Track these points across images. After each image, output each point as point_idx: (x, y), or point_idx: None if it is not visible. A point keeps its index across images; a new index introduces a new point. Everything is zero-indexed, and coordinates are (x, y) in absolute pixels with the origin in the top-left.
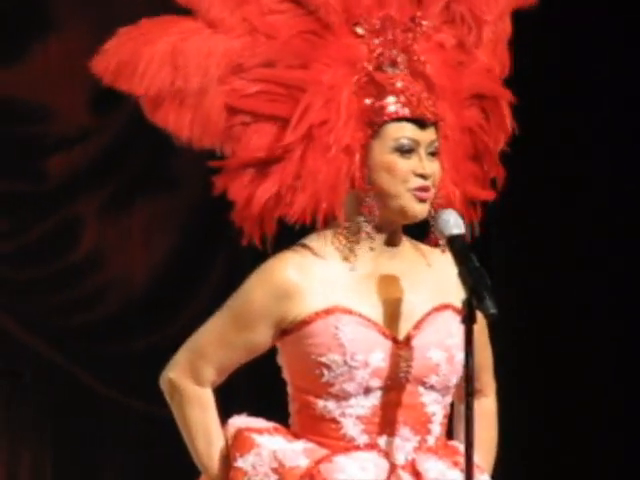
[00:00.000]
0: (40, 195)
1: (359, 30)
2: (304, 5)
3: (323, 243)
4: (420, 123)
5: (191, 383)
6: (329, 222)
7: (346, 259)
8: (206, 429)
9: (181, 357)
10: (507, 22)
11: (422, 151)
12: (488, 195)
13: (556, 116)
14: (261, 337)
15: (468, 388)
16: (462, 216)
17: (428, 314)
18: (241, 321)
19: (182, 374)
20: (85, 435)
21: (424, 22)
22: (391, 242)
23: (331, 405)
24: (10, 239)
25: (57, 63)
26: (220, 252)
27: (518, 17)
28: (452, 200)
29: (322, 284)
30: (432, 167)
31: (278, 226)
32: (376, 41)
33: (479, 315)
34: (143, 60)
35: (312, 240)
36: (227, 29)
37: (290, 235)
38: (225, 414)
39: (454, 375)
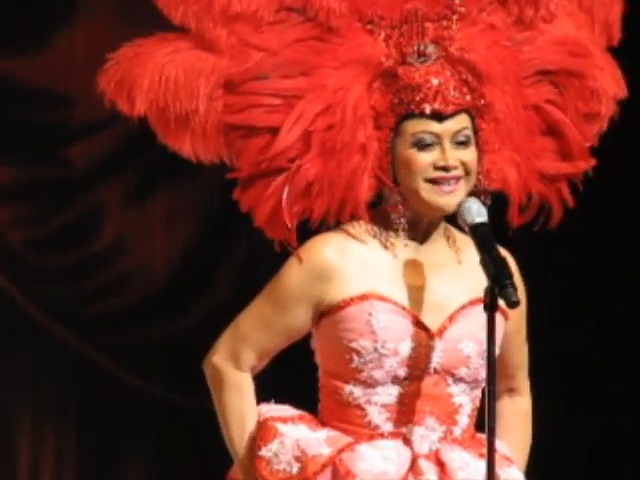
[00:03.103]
0: (63, 183)
1: (372, 28)
2: (301, 12)
3: (363, 230)
4: (439, 116)
5: (231, 367)
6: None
7: (385, 247)
8: (241, 415)
9: (223, 341)
10: None
11: (446, 143)
12: (572, 168)
13: None
14: (299, 319)
15: (489, 376)
16: (485, 204)
17: (463, 307)
18: (280, 302)
19: (223, 358)
20: (107, 420)
21: (461, 9)
22: (428, 234)
23: (358, 391)
24: (33, 227)
25: (81, 50)
26: (240, 240)
27: None
28: (509, 182)
29: (361, 267)
30: (462, 156)
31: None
32: (397, 35)
33: (517, 314)
34: (135, 83)
35: (350, 227)
36: (219, 47)
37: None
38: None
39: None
